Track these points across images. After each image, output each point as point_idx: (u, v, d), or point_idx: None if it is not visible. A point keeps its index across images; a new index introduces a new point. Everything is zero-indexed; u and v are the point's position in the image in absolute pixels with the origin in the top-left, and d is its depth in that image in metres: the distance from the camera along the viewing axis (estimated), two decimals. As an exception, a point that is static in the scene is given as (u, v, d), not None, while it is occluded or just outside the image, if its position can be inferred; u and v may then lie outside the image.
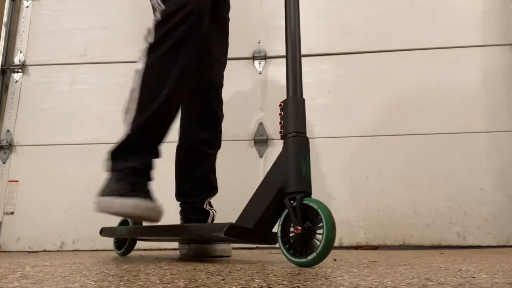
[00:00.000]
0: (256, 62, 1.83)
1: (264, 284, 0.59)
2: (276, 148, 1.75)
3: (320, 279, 0.64)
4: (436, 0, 1.80)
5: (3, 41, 1.94)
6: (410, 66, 1.76)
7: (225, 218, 1.00)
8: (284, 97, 0.95)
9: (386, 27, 1.80)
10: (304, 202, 0.82)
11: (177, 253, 1.43)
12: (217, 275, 0.70)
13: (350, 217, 1.67)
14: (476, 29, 1.77)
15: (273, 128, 1.77)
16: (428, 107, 1.72)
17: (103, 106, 1.83)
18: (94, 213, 1.82)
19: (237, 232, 0.86)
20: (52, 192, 1.78)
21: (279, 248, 0.86)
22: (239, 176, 1.73)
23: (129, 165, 0.96)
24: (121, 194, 0.90)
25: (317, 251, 0.77)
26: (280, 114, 0.94)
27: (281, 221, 0.86)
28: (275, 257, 1.16)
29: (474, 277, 0.66)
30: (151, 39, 0.98)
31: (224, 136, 1.83)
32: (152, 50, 0.97)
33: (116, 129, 1.91)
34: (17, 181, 1.81)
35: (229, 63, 1.92)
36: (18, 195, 1.79)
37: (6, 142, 1.84)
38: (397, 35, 1.79)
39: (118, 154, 0.98)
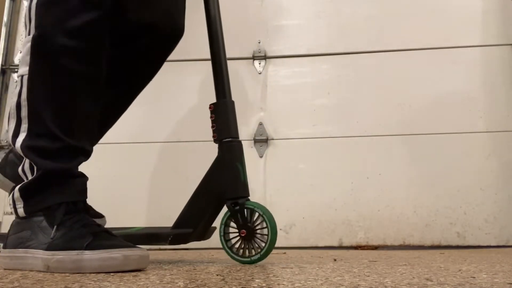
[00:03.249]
0: (256, 62, 1.83)
1: (264, 284, 0.59)
2: (276, 148, 1.75)
3: (320, 279, 0.64)
4: (436, 0, 1.80)
5: (3, 41, 1.94)
6: (410, 66, 1.76)
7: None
8: (286, 97, 0.96)
9: (386, 27, 1.80)
10: (247, 206, 0.89)
11: (177, 253, 1.43)
12: (217, 275, 0.70)
13: (350, 217, 1.67)
14: (476, 29, 1.77)
15: (273, 128, 1.77)
16: (428, 107, 1.72)
17: (103, 106, 1.83)
18: (94, 213, 1.80)
19: (181, 239, 0.92)
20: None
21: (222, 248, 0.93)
22: (239, 176, 1.73)
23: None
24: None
25: (262, 252, 0.86)
26: (212, 117, 0.97)
27: (223, 223, 0.92)
28: (275, 257, 1.16)
29: (474, 277, 0.66)
30: None
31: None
32: None
33: (117, 129, 1.91)
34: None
35: (229, 63, 1.91)
36: (18, 195, 1.79)
37: (6, 142, 1.85)
38: (397, 35, 1.79)
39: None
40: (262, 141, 1.75)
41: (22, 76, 0.79)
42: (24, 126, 0.79)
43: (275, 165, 1.74)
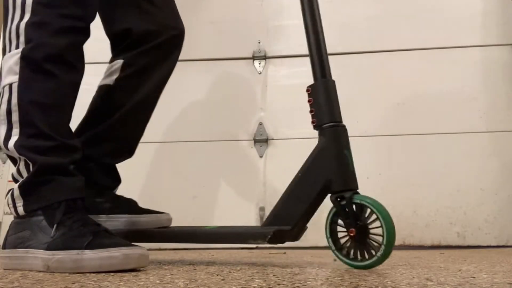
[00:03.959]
0: (256, 62, 1.83)
1: (264, 284, 0.59)
2: (276, 148, 1.75)
3: (320, 279, 0.64)
4: (436, 0, 1.80)
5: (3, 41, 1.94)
6: (410, 66, 1.76)
7: (225, 217, 1.00)
8: (286, 97, 0.94)
9: (386, 27, 1.79)
10: (357, 200, 0.77)
11: (177, 253, 1.43)
12: (217, 275, 0.70)
13: (350, 217, 1.66)
14: (476, 29, 1.77)
15: (273, 128, 1.77)
16: (428, 107, 1.72)
17: (103, 106, 1.83)
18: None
19: (280, 237, 0.80)
20: (52, 192, 1.78)
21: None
22: (239, 176, 1.73)
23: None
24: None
25: (379, 254, 0.73)
26: (310, 101, 0.84)
27: (328, 221, 0.81)
28: (275, 257, 1.16)
29: (474, 277, 0.66)
30: None
31: (224, 136, 1.83)
32: None
33: (116, 129, 1.88)
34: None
35: (229, 63, 1.91)
36: (18, 195, 1.79)
37: (6, 142, 1.84)
38: (397, 35, 1.79)
39: None
40: (262, 141, 1.75)
41: (10, 84, 0.84)
42: (16, 130, 0.83)
43: (275, 165, 1.73)
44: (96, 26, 1.92)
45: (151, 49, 1.06)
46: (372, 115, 1.73)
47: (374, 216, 0.75)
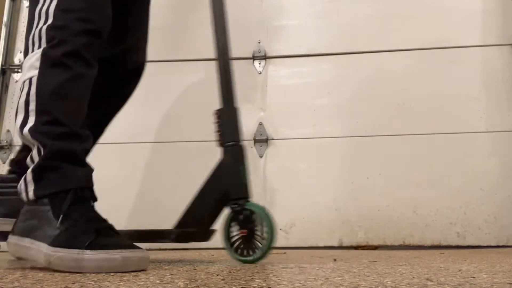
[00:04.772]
0: (256, 62, 1.83)
1: (264, 284, 0.59)
2: (276, 148, 1.75)
3: (320, 279, 0.64)
4: (436, 0, 1.80)
5: (3, 41, 1.94)
6: (410, 66, 1.76)
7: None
8: (286, 97, 0.97)
9: (386, 27, 1.80)
10: (248, 207, 0.94)
11: (177, 253, 1.43)
12: (217, 275, 0.70)
13: (350, 217, 1.67)
14: (475, 29, 1.77)
15: (273, 128, 1.77)
16: (428, 107, 1.72)
17: (103, 106, 1.83)
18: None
19: (184, 237, 0.98)
20: (52, 192, 1.78)
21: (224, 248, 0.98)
22: (239, 176, 1.73)
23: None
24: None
25: (263, 249, 0.91)
26: (217, 122, 1.02)
27: (225, 224, 0.96)
28: (275, 257, 1.16)
29: (474, 277, 0.67)
30: None
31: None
32: None
33: (117, 129, 1.90)
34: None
35: (229, 63, 1.91)
36: (18, 195, 1.79)
37: (6, 142, 1.85)
38: (397, 35, 1.79)
39: None
40: (262, 141, 1.75)
41: (30, 78, 0.89)
42: (32, 118, 0.87)
43: (275, 165, 1.73)
44: (96, 26, 1.93)
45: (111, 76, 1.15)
46: (372, 115, 1.74)
47: (261, 221, 0.93)
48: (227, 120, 1.01)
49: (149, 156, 1.77)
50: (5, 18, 1.97)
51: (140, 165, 1.77)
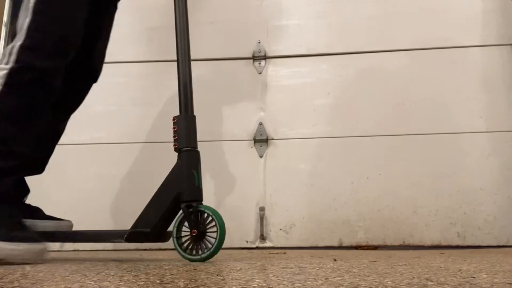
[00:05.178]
0: (256, 62, 1.83)
1: (264, 284, 0.59)
2: (276, 148, 1.75)
3: (320, 279, 0.64)
4: (436, 0, 1.80)
5: (3, 41, 1.94)
6: (410, 66, 1.76)
7: (225, 217, 1.00)
8: (286, 97, 0.97)
9: (386, 27, 1.80)
10: (200, 208, 0.99)
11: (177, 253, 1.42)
12: (217, 275, 0.70)
13: (350, 217, 1.67)
14: (476, 29, 1.77)
15: (273, 128, 1.77)
16: (428, 107, 1.72)
17: (103, 106, 1.83)
18: (94, 213, 1.81)
19: (137, 237, 1.02)
20: (51, 192, 1.77)
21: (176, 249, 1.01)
22: (239, 176, 1.73)
23: None
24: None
25: (211, 249, 0.95)
26: (174, 128, 1.05)
27: (176, 225, 1.01)
28: (275, 257, 1.16)
29: (474, 277, 0.67)
30: None
31: (223, 136, 1.83)
32: None
33: (116, 129, 1.90)
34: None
35: (229, 63, 1.91)
36: (18, 195, 1.79)
37: None
38: (397, 35, 1.79)
39: None
40: (262, 141, 1.75)
41: None
42: None
43: (275, 165, 1.74)
44: (96, 26, 1.92)
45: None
46: (372, 115, 1.74)
47: (212, 222, 0.97)
48: (183, 127, 1.05)
49: (149, 156, 1.77)
50: (5, 18, 1.97)
51: (140, 165, 1.77)
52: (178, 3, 1.11)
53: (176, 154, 1.04)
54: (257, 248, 1.66)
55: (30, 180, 1.81)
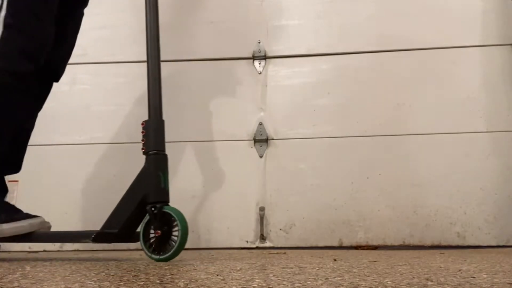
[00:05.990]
0: (256, 62, 1.83)
1: (264, 284, 0.59)
2: (276, 148, 1.75)
3: (320, 279, 0.64)
4: (436, 0, 1.80)
5: None
6: (410, 66, 1.76)
7: (225, 217, 1.01)
8: (286, 97, 0.97)
9: (386, 27, 1.80)
10: (164, 210, 1.01)
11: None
12: (217, 275, 0.70)
13: (350, 217, 1.67)
14: (475, 29, 1.77)
15: (273, 128, 1.77)
16: (428, 107, 1.72)
17: (103, 106, 1.83)
18: (94, 213, 1.81)
19: (104, 237, 1.05)
20: (52, 193, 1.78)
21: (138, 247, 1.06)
22: (239, 176, 1.73)
23: None
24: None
25: (173, 249, 0.98)
26: (143, 132, 1.08)
27: (143, 225, 1.03)
28: (275, 257, 1.16)
29: (474, 277, 0.67)
30: None
31: (223, 136, 1.83)
32: None
33: (117, 130, 1.90)
34: (17, 181, 1.81)
35: (229, 63, 1.91)
36: (18, 195, 1.79)
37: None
38: (397, 35, 1.79)
39: None
40: (262, 141, 1.75)
41: None
42: None
43: (275, 165, 1.73)
44: (98, 27, 1.93)
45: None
46: (372, 115, 1.74)
47: (175, 222, 0.99)
48: (152, 131, 1.07)
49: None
50: None
51: (140, 165, 1.77)
52: (149, 4, 1.13)
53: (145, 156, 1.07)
54: (257, 248, 1.66)
55: (30, 180, 1.81)
